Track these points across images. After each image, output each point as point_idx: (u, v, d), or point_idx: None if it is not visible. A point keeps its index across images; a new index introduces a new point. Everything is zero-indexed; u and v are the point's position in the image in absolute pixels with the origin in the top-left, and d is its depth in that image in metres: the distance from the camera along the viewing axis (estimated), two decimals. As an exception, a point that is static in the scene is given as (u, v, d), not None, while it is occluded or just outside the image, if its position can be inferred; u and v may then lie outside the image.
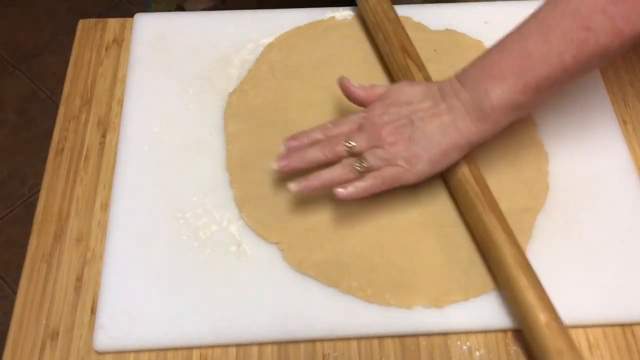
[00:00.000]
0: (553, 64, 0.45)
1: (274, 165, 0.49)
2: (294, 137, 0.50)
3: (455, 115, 0.48)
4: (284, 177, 0.52)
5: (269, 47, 0.61)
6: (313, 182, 0.48)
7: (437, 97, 0.50)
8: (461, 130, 0.48)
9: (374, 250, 0.50)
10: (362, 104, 0.53)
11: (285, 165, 0.49)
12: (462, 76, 0.50)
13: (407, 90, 0.51)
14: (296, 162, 0.49)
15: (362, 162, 0.48)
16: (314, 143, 0.50)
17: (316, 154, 0.49)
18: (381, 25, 0.58)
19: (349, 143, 0.48)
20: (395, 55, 0.56)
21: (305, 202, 0.52)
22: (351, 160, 0.48)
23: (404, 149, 0.48)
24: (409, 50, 0.56)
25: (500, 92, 0.47)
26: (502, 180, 0.53)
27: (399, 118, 0.49)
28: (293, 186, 0.48)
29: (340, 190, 0.47)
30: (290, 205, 0.52)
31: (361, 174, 0.48)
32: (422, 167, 0.48)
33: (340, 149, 0.49)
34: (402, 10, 0.64)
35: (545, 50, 0.46)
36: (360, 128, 0.50)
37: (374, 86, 0.52)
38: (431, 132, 0.48)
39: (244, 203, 0.52)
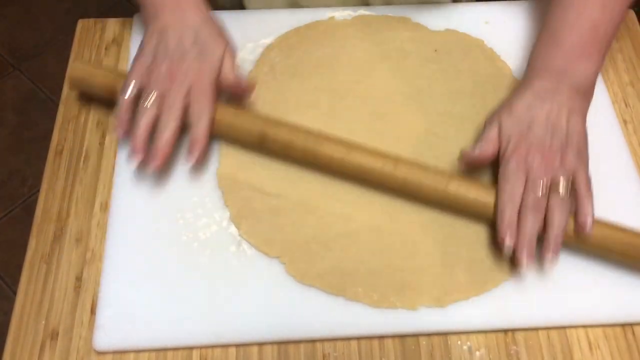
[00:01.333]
0: (615, 23, 0.53)
1: (523, 264, 0.46)
2: (509, 228, 0.47)
3: (569, 107, 0.51)
4: (279, 188, 0.52)
5: (269, 48, 0.61)
6: (551, 241, 0.47)
7: (545, 102, 0.51)
8: (579, 111, 0.51)
9: (374, 254, 0.50)
10: (495, 154, 0.51)
11: (528, 256, 0.46)
12: (544, 68, 0.52)
13: (518, 116, 0.50)
14: (531, 247, 0.46)
15: (564, 188, 0.47)
16: (524, 214, 0.47)
17: (537, 224, 0.47)
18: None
19: (540, 189, 0.47)
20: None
21: (303, 213, 0.52)
22: (556, 197, 0.47)
23: (570, 156, 0.49)
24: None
25: (592, 68, 0.52)
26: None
27: (543, 139, 0.49)
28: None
29: (587, 225, 0.47)
30: (288, 217, 0.51)
31: (572, 199, 0.48)
32: (586, 154, 0.51)
33: (542, 201, 0.47)
34: (401, 11, 0.64)
35: (608, 15, 0.52)
36: (528, 173, 0.48)
37: (487, 135, 0.51)
38: (572, 132, 0.50)
39: (241, 220, 0.51)
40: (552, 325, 0.48)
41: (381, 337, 0.47)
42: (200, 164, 0.53)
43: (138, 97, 0.51)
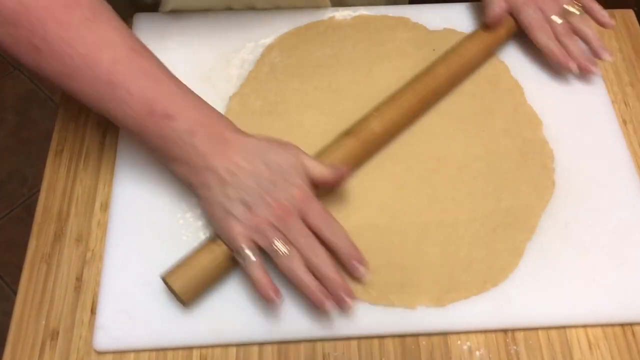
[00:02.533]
0: None
1: (574, 70, 0.58)
2: (560, 53, 0.59)
3: None
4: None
5: (270, 48, 0.61)
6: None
7: None
8: None
9: (374, 252, 0.50)
10: (503, 15, 0.60)
11: (584, 65, 0.59)
12: None
13: None
14: (581, 56, 0.59)
15: (575, 9, 0.60)
16: (563, 41, 0.59)
17: (574, 42, 0.60)
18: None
19: (557, 18, 0.59)
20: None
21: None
22: (574, 18, 0.59)
23: None
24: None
25: None
26: (506, 179, 0.53)
27: None
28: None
29: (607, 21, 0.60)
30: None
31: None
32: None
33: (564, 25, 0.60)
34: (401, 11, 0.64)
35: None
36: (543, 12, 0.60)
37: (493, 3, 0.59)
38: None
39: None
40: (552, 325, 0.48)
41: (381, 337, 0.47)
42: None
43: (261, 259, 0.45)
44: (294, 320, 0.47)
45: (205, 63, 0.60)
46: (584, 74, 0.59)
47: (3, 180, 1.39)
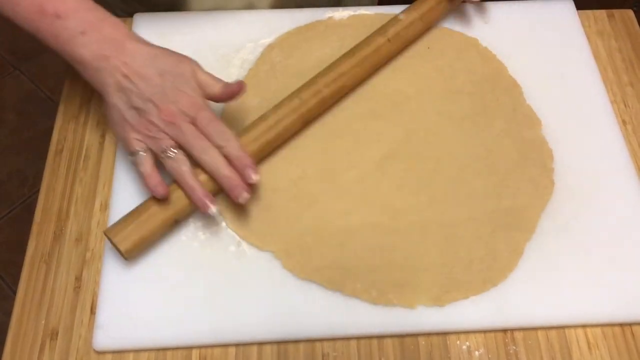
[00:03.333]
0: None
1: None
2: None
3: None
4: (270, 183, 0.52)
5: (270, 47, 0.61)
6: None
7: None
8: None
9: (374, 252, 0.50)
10: None
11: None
12: None
13: None
14: None
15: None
16: None
17: None
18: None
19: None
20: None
21: (298, 208, 0.52)
22: None
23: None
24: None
25: None
26: (506, 179, 0.53)
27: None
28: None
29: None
30: (281, 212, 0.51)
31: None
32: None
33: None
34: (399, 11, 0.64)
35: None
36: None
37: None
38: None
39: (227, 210, 0.51)
40: (551, 325, 0.48)
41: (380, 337, 0.47)
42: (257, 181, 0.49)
43: (153, 157, 0.48)
44: (293, 320, 0.47)
45: (205, 63, 0.60)
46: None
47: (3, 180, 1.39)
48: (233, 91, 0.50)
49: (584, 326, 0.48)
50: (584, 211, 0.52)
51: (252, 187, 0.48)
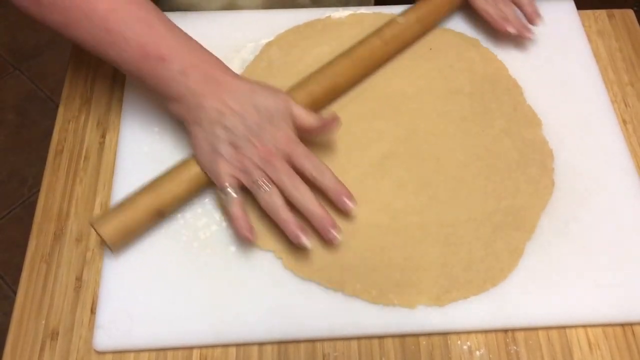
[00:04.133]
0: None
1: (511, 31, 0.61)
2: (506, 20, 0.61)
3: None
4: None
5: (269, 45, 0.61)
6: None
7: None
8: None
9: (375, 252, 0.50)
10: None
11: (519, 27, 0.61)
12: None
13: None
14: (517, 21, 0.61)
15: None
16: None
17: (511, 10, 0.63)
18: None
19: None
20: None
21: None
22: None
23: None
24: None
25: None
26: (506, 179, 0.53)
27: None
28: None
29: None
30: None
31: None
32: None
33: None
34: (398, 10, 0.64)
35: None
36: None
37: None
38: None
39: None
40: (552, 325, 0.48)
41: (381, 337, 0.47)
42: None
43: (241, 200, 0.48)
44: (294, 321, 0.47)
45: (205, 63, 0.60)
46: (519, 39, 0.61)
47: (3, 180, 1.39)
48: (328, 124, 0.50)
49: (584, 326, 0.48)
50: (584, 211, 0.52)
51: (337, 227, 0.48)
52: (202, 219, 0.51)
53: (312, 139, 0.53)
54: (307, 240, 0.47)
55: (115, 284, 0.48)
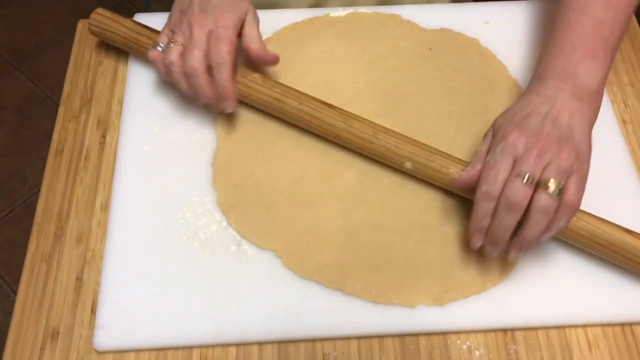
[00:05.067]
0: (621, 22, 0.50)
1: (487, 253, 0.46)
2: (478, 232, 0.46)
3: (572, 107, 0.47)
4: (270, 183, 0.52)
5: (267, 42, 0.61)
6: (523, 243, 0.44)
7: (545, 102, 0.47)
8: (584, 115, 0.47)
9: (374, 252, 0.50)
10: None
11: (492, 252, 0.46)
12: (546, 72, 0.50)
13: (513, 111, 0.48)
14: (499, 246, 0.45)
15: (555, 188, 0.43)
16: (500, 209, 0.44)
17: (510, 224, 0.44)
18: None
19: (527, 180, 0.43)
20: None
21: (298, 207, 0.52)
22: (544, 198, 0.43)
23: (567, 152, 0.44)
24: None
25: (598, 68, 0.48)
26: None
27: (538, 127, 0.45)
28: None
29: (546, 235, 0.44)
30: (281, 211, 0.51)
31: (559, 201, 0.43)
32: (587, 157, 0.46)
33: (524, 193, 0.43)
34: (398, 10, 0.64)
35: (612, 14, 0.50)
36: (515, 161, 0.44)
37: (477, 156, 0.48)
38: (572, 127, 0.46)
39: (229, 208, 0.51)
40: (552, 325, 0.48)
41: (381, 337, 0.47)
42: (234, 109, 0.53)
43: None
44: (294, 320, 0.47)
45: (205, 63, 0.60)
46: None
47: (3, 180, 1.39)
48: (267, 56, 0.54)
49: (584, 326, 0.48)
50: (584, 211, 0.52)
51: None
52: (202, 219, 0.51)
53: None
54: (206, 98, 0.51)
55: (115, 284, 0.48)
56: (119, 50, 0.61)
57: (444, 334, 0.47)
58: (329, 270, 0.49)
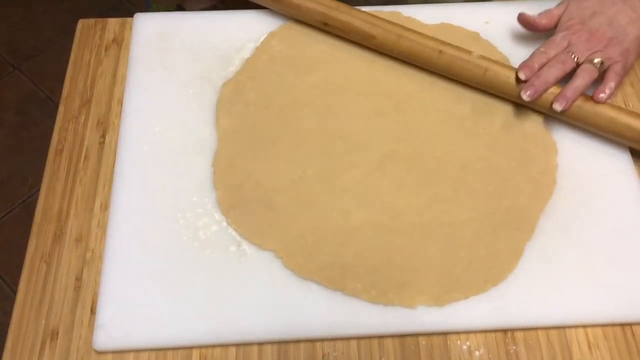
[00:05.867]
0: None
1: (524, 97, 0.53)
2: (527, 67, 0.54)
3: (631, 16, 0.56)
4: (270, 183, 0.52)
5: (271, 36, 0.61)
6: (567, 93, 0.53)
7: (615, 3, 0.56)
8: (638, 26, 0.56)
9: (374, 252, 0.50)
10: (548, 28, 0.58)
11: (533, 92, 0.53)
12: None
13: (587, 4, 0.57)
14: (542, 85, 0.53)
15: (598, 62, 0.53)
16: (542, 66, 0.54)
17: (555, 73, 0.53)
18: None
19: (574, 56, 0.54)
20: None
21: (298, 207, 0.52)
22: (589, 65, 0.53)
23: (615, 48, 0.54)
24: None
25: None
26: (506, 178, 0.53)
27: (598, 27, 0.55)
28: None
29: (602, 95, 0.53)
30: (281, 211, 0.51)
31: (600, 74, 0.54)
32: (632, 58, 0.56)
33: (570, 62, 0.54)
34: (398, 10, 0.64)
35: None
36: (569, 44, 0.55)
37: (550, 11, 0.58)
38: (627, 33, 0.55)
39: (229, 208, 0.51)
40: (552, 325, 0.48)
41: (381, 337, 0.47)
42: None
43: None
44: (293, 320, 0.47)
45: (205, 63, 0.60)
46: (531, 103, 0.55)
47: (3, 180, 1.39)
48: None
49: (584, 326, 0.48)
50: (584, 211, 0.52)
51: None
52: (202, 219, 0.51)
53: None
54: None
55: (115, 284, 0.48)
56: (119, 50, 0.61)
57: (444, 334, 0.47)
58: (329, 270, 0.49)
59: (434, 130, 0.56)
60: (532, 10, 0.64)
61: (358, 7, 0.63)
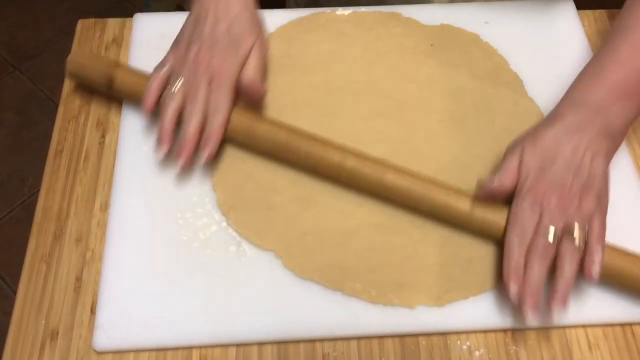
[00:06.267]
0: None
1: (531, 316, 0.44)
2: (515, 276, 0.45)
3: (596, 147, 0.48)
4: (270, 183, 0.52)
5: (270, 37, 0.61)
6: (561, 289, 0.45)
7: (572, 137, 0.48)
8: (606, 154, 0.49)
9: (374, 252, 0.50)
10: (514, 185, 0.48)
11: (533, 308, 0.44)
12: (582, 99, 0.50)
13: (542, 150, 0.48)
14: (536, 295, 0.45)
15: (579, 235, 0.45)
16: (525, 261, 0.46)
17: (543, 270, 0.45)
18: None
19: (552, 234, 0.45)
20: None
21: (298, 208, 0.52)
22: (570, 246, 0.45)
23: (588, 200, 0.46)
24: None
25: (629, 111, 0.49)
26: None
27: (560, 178, 0.47)
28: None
29: (594, 273, 0.45)
30: (282, 211, 0.51)
31: (583, 248, 0.45)
32: (606, 198, 0.48)
33: (551, 249, 0.45)
34: (398, 10, 0.64)
35: None
36: (541, 216, 0.46)
37: (506, 168, 0.49)
38: (594, 174, 0.47)
39: (229, 209, 0.51)
40: (552, 325, 0.48)
41: (381, 337, 0.47)
42: (209, 163, 0.51)
43: (167, 79, 0.52)
44: (293, 320, 0.47)
45: (205, 63, 0.60)
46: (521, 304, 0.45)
47: (3, 180, 1.39)
48: (255, 90, 0.53)
49: (584, 326, 0.48)
50: (584, 211, 0.52)
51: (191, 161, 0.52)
52: (202, 219, 0.51)
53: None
54: (162, 152, 0.51)
55: (115, 284, 0.48)
56: (119, 50, 0.61)
57: (444, 334, 0.47)
58: (329, 270, 0.49)
59: (434, 130, 0.56)
60: (531, 11, 0.65)
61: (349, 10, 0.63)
